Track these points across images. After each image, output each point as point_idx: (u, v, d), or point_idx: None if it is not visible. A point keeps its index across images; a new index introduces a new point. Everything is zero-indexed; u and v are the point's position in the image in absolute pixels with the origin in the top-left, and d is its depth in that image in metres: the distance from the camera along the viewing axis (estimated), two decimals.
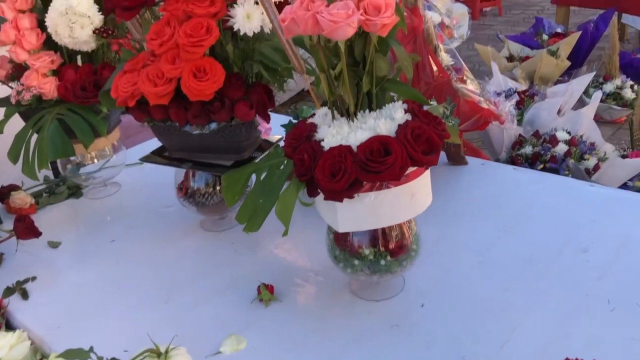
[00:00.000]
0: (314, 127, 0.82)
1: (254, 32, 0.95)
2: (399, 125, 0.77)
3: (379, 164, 0.73)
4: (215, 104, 0.98)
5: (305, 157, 0.77)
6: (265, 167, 0.91)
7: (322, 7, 0.72)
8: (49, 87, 1.20)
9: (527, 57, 3.52)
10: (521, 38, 3.84)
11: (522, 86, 2.80)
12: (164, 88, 0.97)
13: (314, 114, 0.87)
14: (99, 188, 1.38)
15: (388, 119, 0.78)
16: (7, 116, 1.21)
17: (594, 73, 2.68)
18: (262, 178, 0.90)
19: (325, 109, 0.85)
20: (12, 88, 1.23)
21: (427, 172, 0.83)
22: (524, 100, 2.49)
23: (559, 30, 3.79)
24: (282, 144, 1.11)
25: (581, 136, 2.13)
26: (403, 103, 0.82)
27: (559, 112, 2.31)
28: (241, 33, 0.94)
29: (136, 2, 0.97)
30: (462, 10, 3.25)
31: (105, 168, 1.37)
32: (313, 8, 0.73)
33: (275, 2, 0.92)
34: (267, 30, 0.98)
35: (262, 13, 0.94)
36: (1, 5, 1.22)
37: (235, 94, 0.99)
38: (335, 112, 0.83)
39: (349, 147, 0.76)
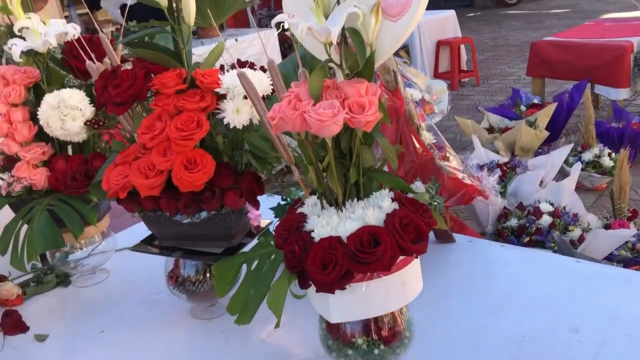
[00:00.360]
0: (303, 218, 0.83)
1: (243, 125, 0.98)
2: (387, 215, 0.79)
3: (369, 255, 0.74)
4: (205, 193, 1.00)
5: (296, 249, 0.78)
6: (256, 257, 0.92)
7: (309, 106, 0.76)
8: (40, 178, 1.22)
9: (506, 128, 3.62)
10: (500, 110, 3.97)
11: (504, 158, 2.87)
12: (155, 180, 0.99)
13: (302, 203, 0.88)
14: (87, 275, 1.37)
15: (376, 208, 0.80)
16: None
17: (572, 145, 2.76)
18: (252, 268, 0.91)
19: (314, 199, 0.87)
20: (2, 179, 1.24)
21: (417, 260, 0.84)
22: (506, 172, 2.55)
23: (535, 101, 3.92)
24: (271, 228, 1.13)
25: (564, 207, 2.17)
26: (390, 191, 0.84)
27: (540, 183, 2.36)
28: (231, 126, 0.97)
29: (128, 98, 1.00)
30: (442, 86, 3.37)
31: (94, 255, 1.36)
32: (300, 107, 0.76)
33: (262, 97, 0.96)
34: (255, 121, 1.01)
35: (251, 107, 0.98)
36: None
37: (225, 182, 1.02)
38: (324, 201, 0.85)
39: (339, 238, 0.77)
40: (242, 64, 1.07)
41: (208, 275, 1.13)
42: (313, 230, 0.80)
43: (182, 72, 1.01)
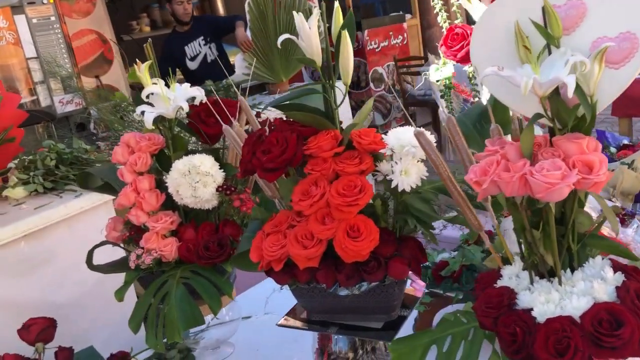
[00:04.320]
0: (513, 293, 0.74)
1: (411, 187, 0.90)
2: (617, 288, 0.69)
3: (614, 338, 0.64)
4: (371, 263, 0.91)
5: (517, 331, 0.68)
6: (445, 337, 0.81)
7: (527, 167, 0.67)
8: (170, 249, 1.15)
9: None
10: None
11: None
12: (314, 250, 0.91)
13: (499, 275, 0.79)
14: (211, 350, 1.29)
15: (600, 280, 0.70)
16: (128, 282, 1.16)
17: None
18: (444, 350, 0.80)
19: (514, 269, 0.78)
20: (129, 252, 1.19)
21: None
22: (625, 221, 2.37)
23: (625, 141, 3.73)
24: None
25: None
26: (603, 259, 0.74)
27: None
28: (399, 189, 0.89)
29: (281, 163, 0.94)
30: None
31: (217, 325, 1.28)
32: (516, 169, 0.67)
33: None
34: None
35: (418, 161, 0.90)
36: (120, 169, 1.20)
37: (388, 250, 0.93)
38: (533, 273, 0.75)
39: (570, 318, 0.67)
40: None
41: (361, 352, 1.04)
42: (532, 309, 0.70)
43: (337, 134, 0.94)
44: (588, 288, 0.69)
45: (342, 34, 0.91)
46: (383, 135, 0.93)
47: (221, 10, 6.82)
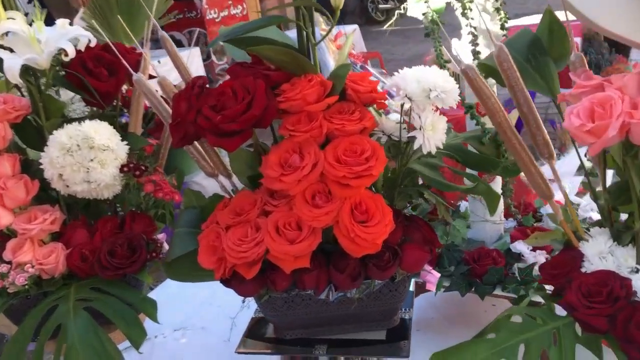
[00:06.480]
0: (625, 280, 0.54)
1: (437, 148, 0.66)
2: None
3: None
4: (385, 255, 0.67)
5: None
6: (514, 347, 0.60)
7: None
8: (54, 260, 0.79)
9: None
10: None
11: None
12: (306, 244, 0.64)
13: (579, 254, 0.59)
14: None
15: None
16: None
17: None
18: None
19: (600, 246, 0.59)
20: None
21: None
22: None
23: None
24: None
25: None
26: None
27: None
28: (425, 151, 0.65)
29: (246, 123, 0.65)
30: None
31: None
32: None
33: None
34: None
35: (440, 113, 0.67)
36: None
37: (396, 236, 0.69)
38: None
39: None
40: None
41: None
42: None
43: (324, 81, 0.67)
44: None
45: None
46: (385, 80, 0.68)
47: None
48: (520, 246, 0.92)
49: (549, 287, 0.69)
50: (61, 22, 0.81)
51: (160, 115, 0.77)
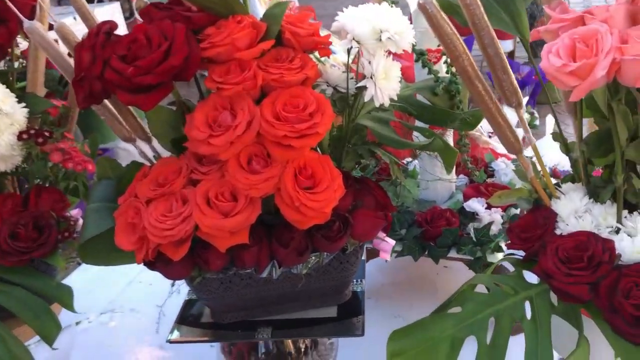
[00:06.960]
0: (607, 242, 0.48)
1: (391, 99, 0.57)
2: None
3: None
4: (335, 225, 0.58)
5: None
6: (482, 321, 0.53)
7: None
8: None
9: None
10: None
11: None
12: (244, 216, 0.55)
13: (552, 213, 0.53)
14: None
15: None
16: None
17: None
18: (488, 341, 0.52)
19: (576, 204, 0.52)
20: None
21: None
22: None
23: None
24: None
25: None
26: None
27: None
28: (377, 104, 0.56)
29: (165, 75, 0.54)
30: None
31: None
32: None
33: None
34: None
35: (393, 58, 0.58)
36: None
37: (346, 202, 0.61)
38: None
39: None
40: None
41: (295, 353, 0.71)
42: None
43: (256, 22, 0.57)
44: None
45: None
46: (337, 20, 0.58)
47: None
48: (474, 204, 0.86)
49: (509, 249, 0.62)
50: None
51: (63, 71, 0.65)
